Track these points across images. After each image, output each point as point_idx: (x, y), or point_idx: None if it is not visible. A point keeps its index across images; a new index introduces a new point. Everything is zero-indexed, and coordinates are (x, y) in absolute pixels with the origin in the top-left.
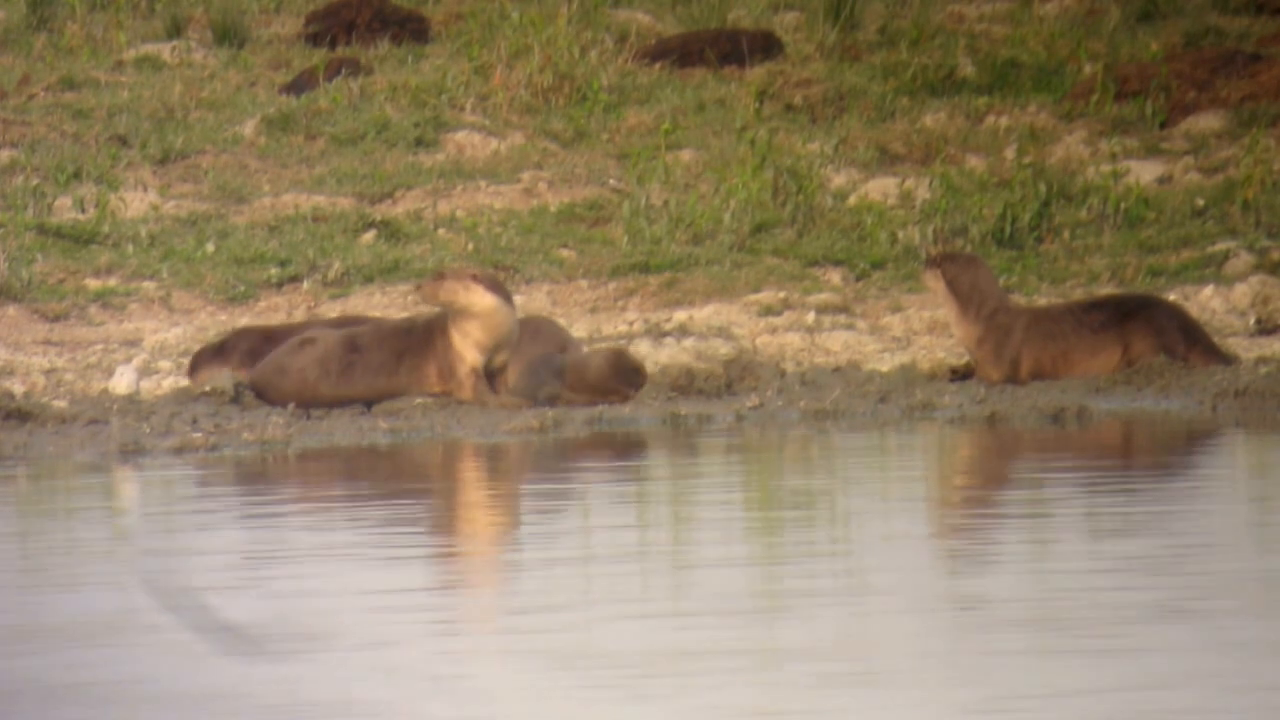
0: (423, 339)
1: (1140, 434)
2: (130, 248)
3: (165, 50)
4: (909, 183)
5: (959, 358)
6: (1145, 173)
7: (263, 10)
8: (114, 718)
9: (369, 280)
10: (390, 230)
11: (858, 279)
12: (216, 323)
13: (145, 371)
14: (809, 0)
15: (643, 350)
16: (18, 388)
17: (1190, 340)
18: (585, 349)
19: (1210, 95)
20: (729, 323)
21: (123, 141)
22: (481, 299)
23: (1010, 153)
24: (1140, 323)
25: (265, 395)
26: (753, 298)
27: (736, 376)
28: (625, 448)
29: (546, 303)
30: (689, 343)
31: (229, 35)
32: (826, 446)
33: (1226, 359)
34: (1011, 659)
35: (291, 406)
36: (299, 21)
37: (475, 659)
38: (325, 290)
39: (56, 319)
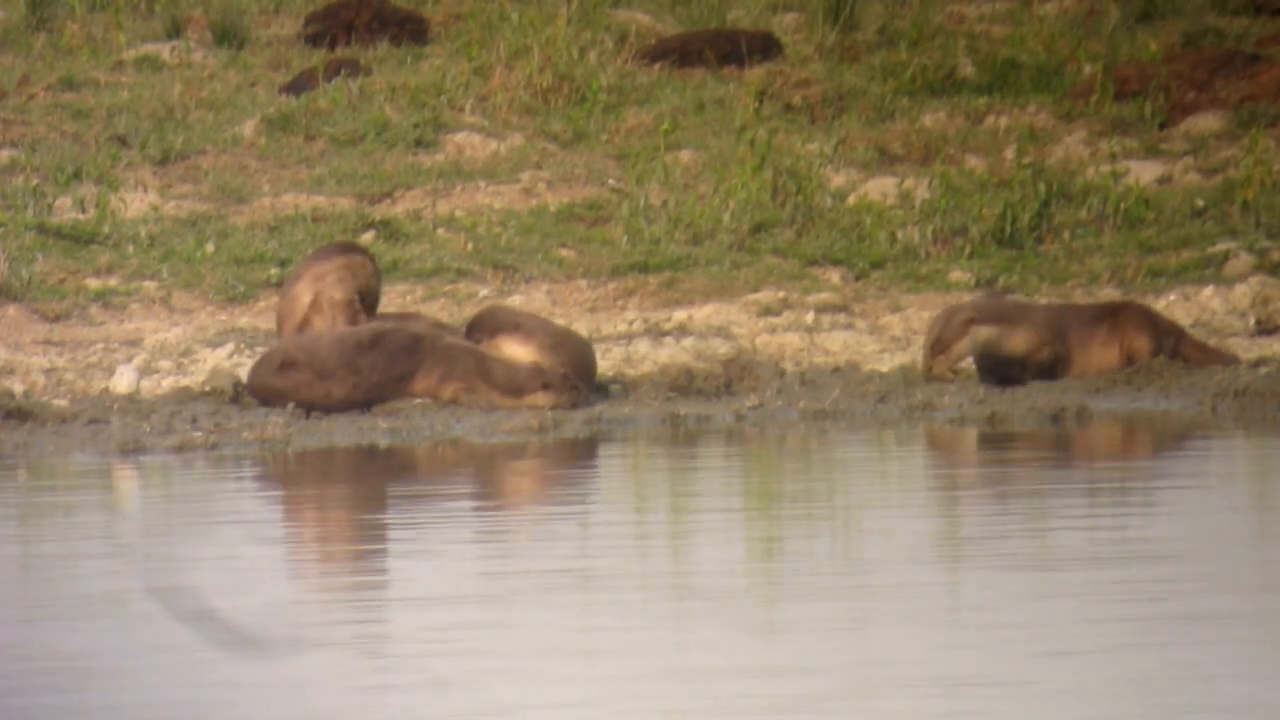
0: (429, 355)
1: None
2: (130, 248)
3: (165, 50)
4: (909, 183)
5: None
6: (1145, 173)
7: (262, 11)
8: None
9: None
10: (390, 230)
11: (857, 279)
12: (216, 323)
13: (145, 371)
14: (808, 1)
15: (642, 350)
16: (18, 387)
17: (1180, 337)
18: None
19: (1210, 95)
20: (728, 322)
21: (123, 141)
22: None
23: (1010, 153)
24: (1132, 314)
25: (266, 400)
26: (752, 297)
27: (736, 376)
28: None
29: (546, 302)
30: (688, 342)
31: (229, 35)
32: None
33: (1220, 357)
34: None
35: (291, 406)
36: (299, 22)
37: (476, 657)
38: None
39: (57, 319)
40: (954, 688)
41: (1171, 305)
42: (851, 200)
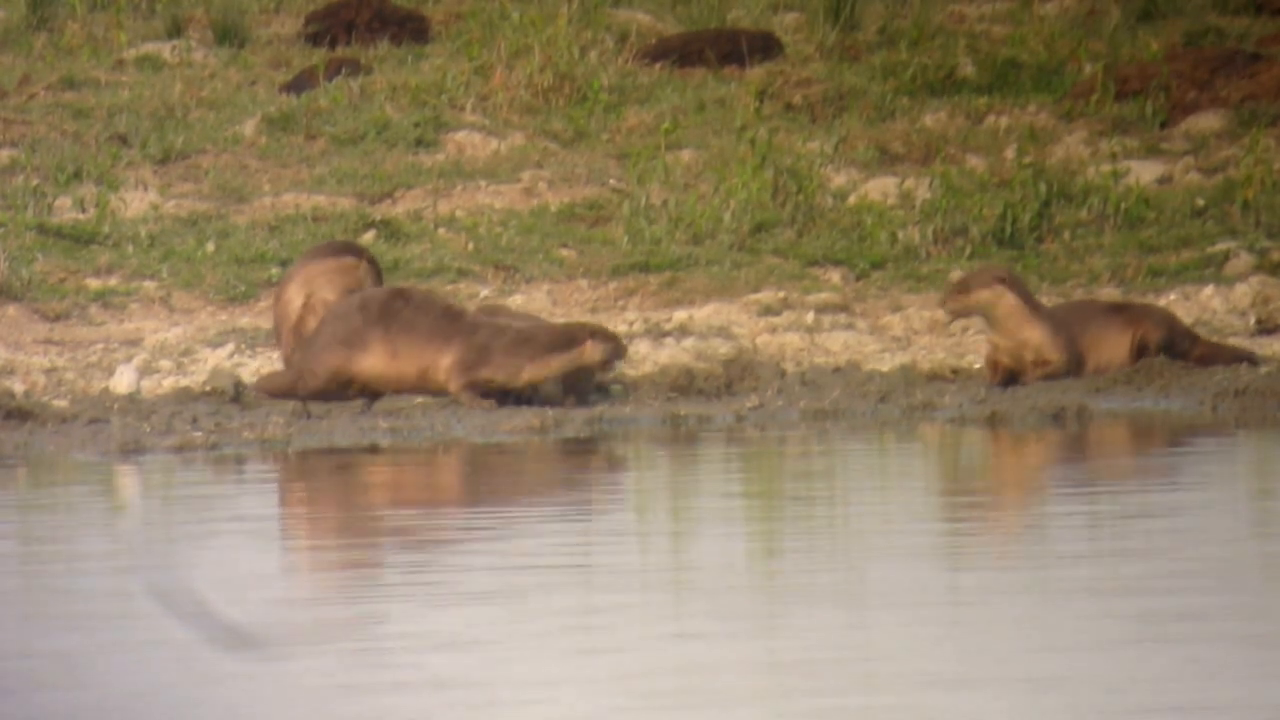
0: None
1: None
2: (130, 247)
3: (165, 50)
4: (909, 183)
5: (959, 358)
6: (1145, 173)
7: (263, 10)
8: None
9: None
10: (390, 230)
11: (858, 279)
12: (217, 322)
13: (145, 371)
14: (809, 0)
15: (643, 350)
16: (18, 387)
17: (1194, 337)
18: None
19: (1210, 95)
20: (729, 322)
21: (123, 141)
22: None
23: (1010, 153)
24: (1151, 308)
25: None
26: (753, 297)
27: (736, 376)
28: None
29: (547, 302)
30: (689, 343)
31: (229, 35)
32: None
33: (1233, 354)
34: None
35: (292, 405)
36: (299, 21)
37: (476, 656)
38: None
39: (57, 318)
40: (954, 685)
41: (1172, 305)
42: (852, 200)
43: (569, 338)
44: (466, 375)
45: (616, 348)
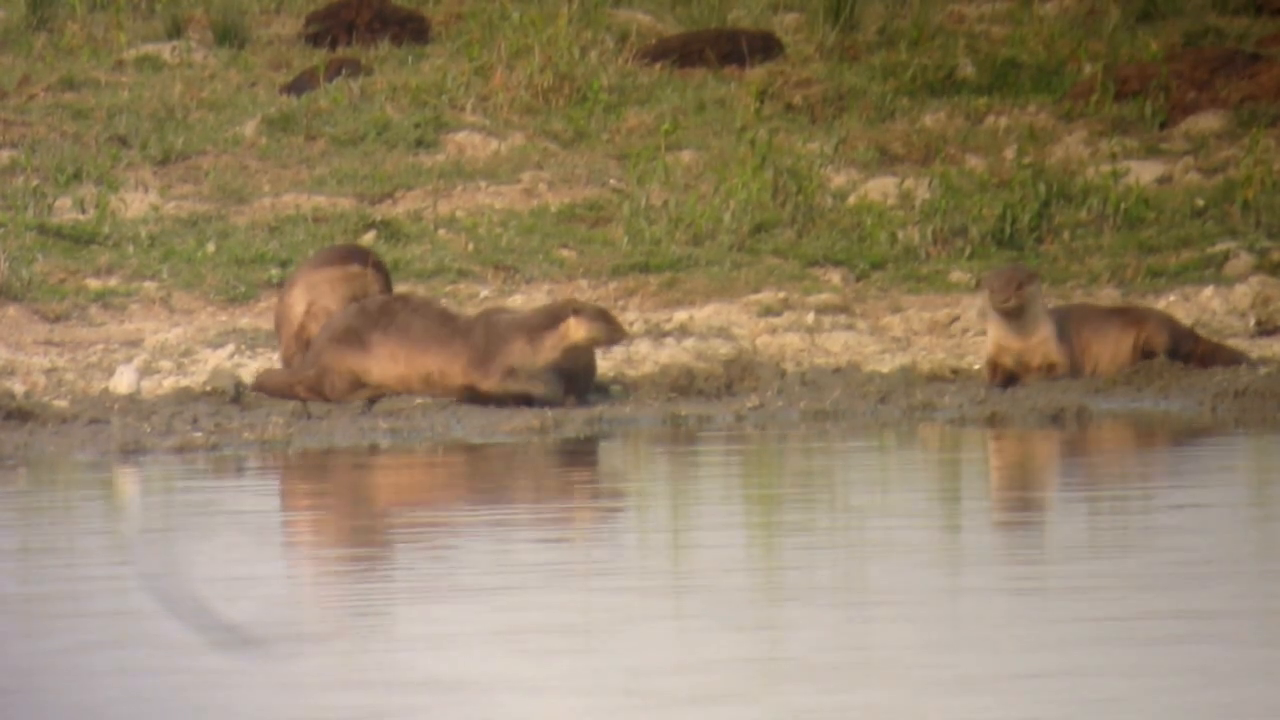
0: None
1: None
2: (130, 248)
3: (165, 50)
4: (909, 183)
5: (959, 358)
6: (1145, 173)
7: (263, 10)
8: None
9: None
10: (390, 230)
11: (858, 279)
12: (217, 323)
13: (146, 371)
14: (809, 0)
15: (643, 350)
16: (18, 387)
17: (1196, 338)
18: None
19: (1210, 95)
20: (729, 323)
21: (123, 141)
22: None
23: (1010, 153)
24: (1152, 311)
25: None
26: (753, 298)
27: (736, 376)
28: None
29: (547, 303)
30: (689, 343)
31: (229, 35)
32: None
33: (1232, 355)
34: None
35: (292, 406)
36: (299, 21)
37: (475, 656)
38: None
39: (57, 319)
40: (954, 685)
41: (1172, 305)
42: (852, 200)
43: (553, 316)
44: (486, 370)
45: (604, 326)
